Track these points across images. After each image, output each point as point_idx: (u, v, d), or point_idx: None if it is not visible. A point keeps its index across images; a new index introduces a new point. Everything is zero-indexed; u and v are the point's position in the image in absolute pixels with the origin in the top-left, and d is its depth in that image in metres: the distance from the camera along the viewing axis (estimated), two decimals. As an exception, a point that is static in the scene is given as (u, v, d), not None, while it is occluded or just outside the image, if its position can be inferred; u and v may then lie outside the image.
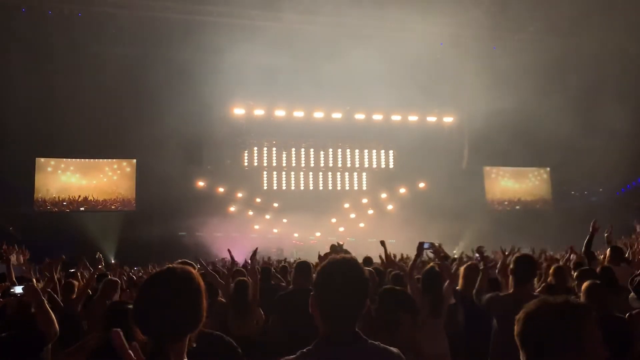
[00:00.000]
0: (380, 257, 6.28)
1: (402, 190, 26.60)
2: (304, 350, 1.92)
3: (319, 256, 5.82)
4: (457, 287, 4.96)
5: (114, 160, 25.47)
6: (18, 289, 3.49)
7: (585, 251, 5.59)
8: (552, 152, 25.95)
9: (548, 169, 29.61)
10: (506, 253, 4.85)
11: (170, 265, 1.86)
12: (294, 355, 1.91)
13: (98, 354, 2.60)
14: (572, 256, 7.26)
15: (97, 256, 6.32)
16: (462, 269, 5.11)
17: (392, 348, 1.99)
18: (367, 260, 6.27)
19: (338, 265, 1.98)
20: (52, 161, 24.75)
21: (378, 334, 2.01)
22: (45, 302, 3.15)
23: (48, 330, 3.00)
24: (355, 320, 1.92)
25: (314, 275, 2.18)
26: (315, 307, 1.92)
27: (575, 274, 4.72)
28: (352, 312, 1.91)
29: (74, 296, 5.73)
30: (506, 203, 29.40)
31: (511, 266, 3.90)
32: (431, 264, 5.18)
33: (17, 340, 2.86)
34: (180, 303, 1.74)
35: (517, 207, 29.31)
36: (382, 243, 6.07)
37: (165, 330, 1.71)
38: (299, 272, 4.95)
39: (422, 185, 26.46)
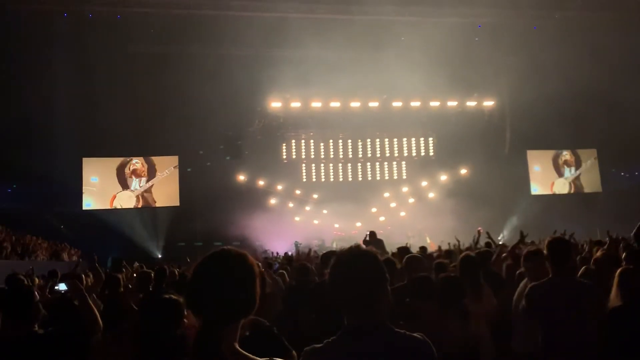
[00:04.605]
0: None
1: (443, 178, 26.15)
2: (329, 340, 1.94)
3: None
4: None
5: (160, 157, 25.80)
6: (62, 286, 3.60)
7: (636, 234, 5.36)
8: (599, 133, 25.01)
9: (595, 150, 28.49)
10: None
11: (225, 246, 1.79)
12: (320, 345, 1.93)
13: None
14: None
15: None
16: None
17: (417, 335, 1.97)
18: (404, 249, 6.19)
19: (346, 256, 1.98)
20: (98, 160, 25.43)
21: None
22: (89, 298, 3.24)
23: (92, 325, 3.08)
24: (374, 309, 1.90)
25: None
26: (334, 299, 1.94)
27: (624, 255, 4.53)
28: (367, 300, 1.90)
29: (122, 289, 6.11)
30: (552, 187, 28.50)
31: (545, 251, 3.74)
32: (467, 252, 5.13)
33: (63, 334, 2.95)
34: (235, 284, 1.68)
35: (564, 192, 28.40)
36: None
37: (218, 311, 1.65)
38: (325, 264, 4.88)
39: (463, 171, 25.93)
